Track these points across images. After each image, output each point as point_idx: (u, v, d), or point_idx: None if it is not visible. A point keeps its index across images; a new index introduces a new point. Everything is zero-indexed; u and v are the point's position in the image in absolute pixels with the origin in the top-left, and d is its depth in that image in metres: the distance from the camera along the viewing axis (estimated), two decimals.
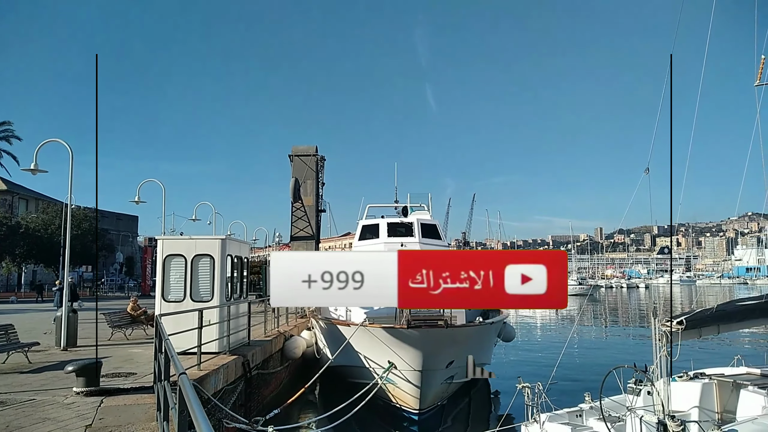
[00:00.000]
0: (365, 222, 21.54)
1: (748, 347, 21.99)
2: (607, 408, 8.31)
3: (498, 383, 18.53)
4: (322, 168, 48.34)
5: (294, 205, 45.02)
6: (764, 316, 10.05)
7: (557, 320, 47.33)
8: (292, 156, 46.13)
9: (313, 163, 46.06)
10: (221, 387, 10.88)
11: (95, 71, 8.58)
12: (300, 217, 45.09)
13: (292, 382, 17.24)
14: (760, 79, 12.48)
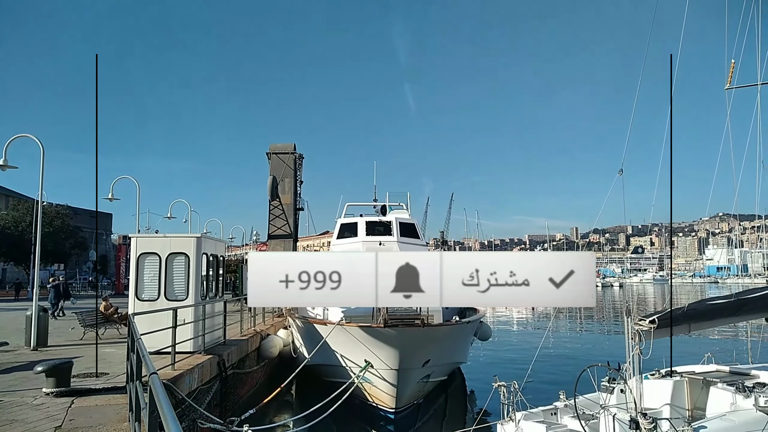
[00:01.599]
0: (343, 220, 21.49)
1: (717, 345, 22.45)
2: (581, 406, 8.40)
3: (474, 382, 18.67)
4: (301, 166, 48.08)
5: (271, 204, 44.70)
6: (733, 315, 10.27)
7: (533, 319, 47.79)
8: (270, 154, 45.80)
9: (291, 161, 45.79)
10: (196, 387, 10.75)
11: (95, 71, 8.48)
12: (278, 216, 44.79)
13: (268, 381, 17.12)
14: (731, 83, 12.74)
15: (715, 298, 10.68)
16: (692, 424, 7.39)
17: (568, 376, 8.93)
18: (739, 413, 7.74)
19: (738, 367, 10.25)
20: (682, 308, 9.50)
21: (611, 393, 8.81)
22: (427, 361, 13.49)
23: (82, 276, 66.14)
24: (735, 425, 7.39)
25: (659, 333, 8.92)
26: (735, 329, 24.39)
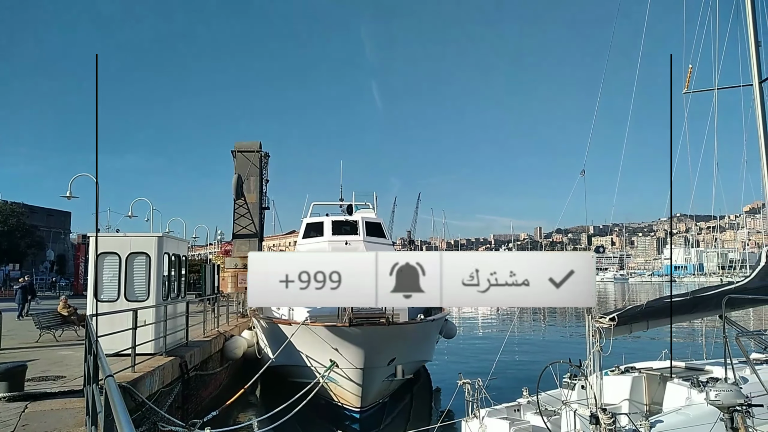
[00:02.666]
0: (309, 220, 21.37)
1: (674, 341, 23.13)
2: (543, 402, 8.54)
3: (439, 380, 18.79)
4: (266, 165, 47.57)
5: (236, 203, 44.11)
6: (689, 312, 10.59)
7: (497, 317, 48.42)
8: (235, 152, 45.16)
9: (256, 160, 45.27)
10: (157, 389, 10.55)
11: (95, 71, 8.25)
12: (243, 215, 44.21)
13: (232, 383, 16.90)
14: (688, 88, 13.13)
15: (672, 296, 10.99)
16: (650, 419, 7.59)
17: (531, 373, 9.05)
18: (693, 407, 7.98)
19: (693, 363, 10.57)
20: (641, 306, 9.75)
21: (572, 389, 8.99)
22: (392, 359, 13.52)
23: (39, 276, 64.17)
24: (689, 419, 7.62)
25: (619, 330, 9.13)
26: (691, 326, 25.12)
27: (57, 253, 78.88)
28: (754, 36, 12.14)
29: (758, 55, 12.15)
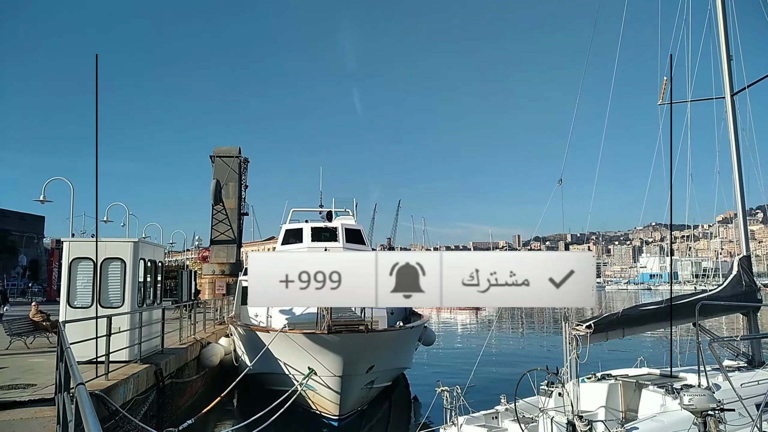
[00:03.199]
0: (288, 226, 21.25)
1: (650, 349, 23.43)
2: (521, 409, 8.57)
3: (418, 387, 18.76)
4: (246, 170, 47.36)
5: (215, 208, 43.82)
6: (664, 320, 10.75)
7: (477, 324, 48.61)
8: (214, 157, 44.91)
9: (235, 165, 45.03)
10: (131, 397, 10.38)
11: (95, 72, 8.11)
12: (221, 221, 43.92)
13: (208, 391, 16.67)
14: (663, 99, 13.39)
15: (647, 304, 11.15)
16: (625, 425, 7.66)
17: (509, 380, 9.10)
18: (668, 414, 8.09)
19: (668, 370, 10.72)
20: (617, 314, 9.87)
21: (550, 396, 9.04)
22: (371, 367, 13.46)
23: (11, 282, 62.72)
24: (664, 425, 7.71)
25: (595, 338, 9.24)
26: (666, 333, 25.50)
27: (30, 258, 77.26)
28: (726, 51, 12.44)
29: (730, 69, 12.45)
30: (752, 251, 13.97)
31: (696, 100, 13.19)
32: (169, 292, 35.74)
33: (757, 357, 11.50)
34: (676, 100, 13.50)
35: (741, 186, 12.39)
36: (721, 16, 12.52)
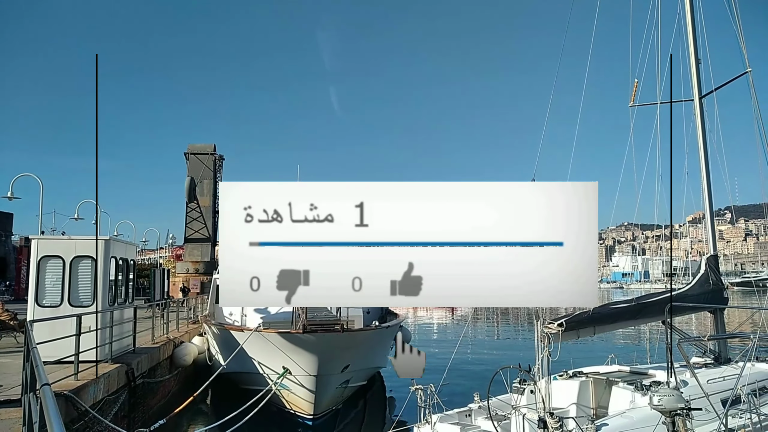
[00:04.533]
0: None
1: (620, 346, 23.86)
2: (494, 407, 8.65)
3: (393, 386, 18.79)
4: (221, 167, 46.83)
5: (189, 206, 43.25)
6: (633, 318, 10.96)
7: (452, 322, 48.91)
8: (188, 154, 44.33)
9: (210, 162, 44.52)
10: (101, 397, 10.22)
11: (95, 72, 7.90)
12: (195, 218, 43.37)
13: (181, 390, 16.48)
14: (634, 101, 13.63)
15: (618, 302, 11.35)
16: (595, 422, 7.79)
17: (483, 378, 9.17)
18: (637, 410, 8.24)
19: (637, 367, 10.92)
20: (588, 312, 10.02)
21: (522, 394, 9.14)
22: (346, 366, 13.45)
23: None
24: (633, 422, 7.86)
25: (567, 335, 9.36)
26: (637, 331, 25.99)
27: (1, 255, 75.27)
28: (695, 54, 12.72)
29: (698, 72, 12.73)
30: (720, 251, 14.30)
31: (665, 102, 13.46)
32: (142, 291, 35.22)
33: (723, 354, 11.79)
34: (647, 102, 13.78)
35: (708, 187, 12.67)
36: (689, 21, 12.79)
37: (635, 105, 13.62)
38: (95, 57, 8.25)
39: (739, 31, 12.71)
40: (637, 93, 13.43)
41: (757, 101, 12.71)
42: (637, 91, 13.42)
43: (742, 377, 9.11)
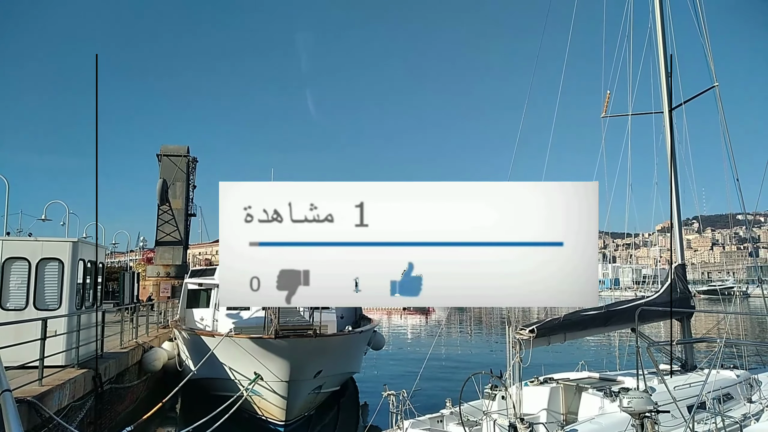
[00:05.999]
0: None
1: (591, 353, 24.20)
2: (465, 413, 8.70)
3: (366, 392, 18.76)
4: (194, 170, 46.32)
5: (161, 208, 42.67)
6: (603, 325, 11.13)
7: (426, 327, 49.03)
8: (161, 155, 43.77)
9: (183, 164, 44.02)
10: (67, 403, 9.97)
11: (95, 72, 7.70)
12: (167, 221, 42.80)
13: (150, 396, 16.19)
14: (606, 112, 13.90)
15: (588, 309, 11.51)
16: (565, 428, 7.88)
17: (455, 384, 9.20)
18: (606, 416, 8.36)
19: (607, 374, 11.09)
20: (558, 318, 10.15)
21: (493, 399, 9.21)
22: (318, 371, 13.37)
23: None
24: (602, 428, 7.97)
25: (538, 342, 9.46)
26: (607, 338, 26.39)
27: None
28: (665, 67, 13.03)
29: (669, 85, 13.04)
30: (687, 260, 14.62)
31: (636, 114, 13.76)
32: (111, 295, 34.53)
33: (690, 361, 12.04)
34: (618, 113, 14.06)
35: (677, 197, 12.96)
36: (660, 35, 13.10)
37: (607, 116, 13.89)
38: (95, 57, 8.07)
39: (707, 46, 13.07)
40: (609, 104, 13.70)
41: (724, 115, 13.06)
42: (609, 102, 13.69)
43: (707, 383, 9.33)
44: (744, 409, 10.34)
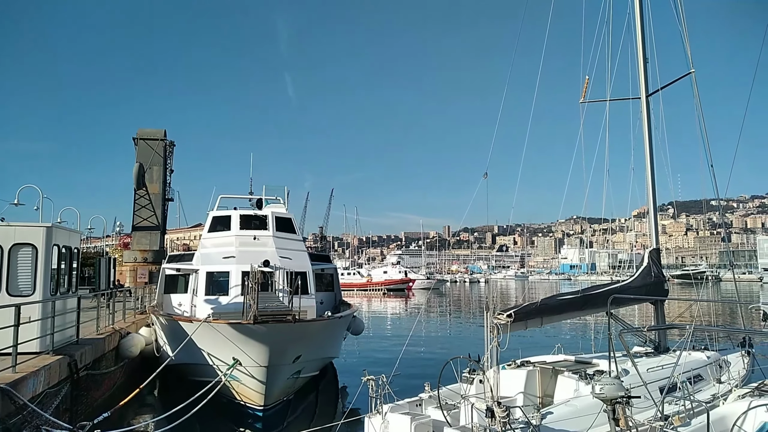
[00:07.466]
0: (216, 213, 20.68)
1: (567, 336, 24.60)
2: (444, 396, 8.78)
3: (345, 377, 18.86)
4: (171, 154, 45.71)
5: (137, 193, 42.08)
6: (580, 309, 11.31)
7: (406, 313, 49.33)
8: (137, 139, 43.08)
9: (160, 148, 43.40)
10: (41, 390, 9.86)
11: None
12: (144, 206, 42.25)
13: (128, 382, 16.06)
14: (585, 97, 13.99)
15: (565, 293, 11.67)
16: (541, 411, 8.00)
17: (434, 368, 9.28)
18: (580, 399, 8.52)
19: (582, 356, 11.28)
20: (536, 303, 10.27)
21: (471, 383, 9.31)
22: (298, 356, 13.40)
23: None
24: (576, 410, 8.12)
25: (515, 326, 9.58)
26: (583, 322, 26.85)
27: None
28: (643, 53, 13.14)
29: (646, 71, 13.17)
30: (662, 244, 14.87)
31: (614, 99, 13.87)
32: (87, 280, 34.05)
33: (663, 344, 12.31)
34: (597, 98, 14.15)
35: (653, 182, 13.15)
36: (638, 21, 13.18)
37: (586, 101, 13.98)
38: None
39: (684, 33, 13.18)
40: (588, 89, 13.78)
41: (700, 101, 13.23)
42: (588, 87, 13.77)
43: (678, 366, 9.55)
44: (713, 389, 10.62)
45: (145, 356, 17.15)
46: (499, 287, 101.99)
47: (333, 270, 21.59)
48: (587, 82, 14.03)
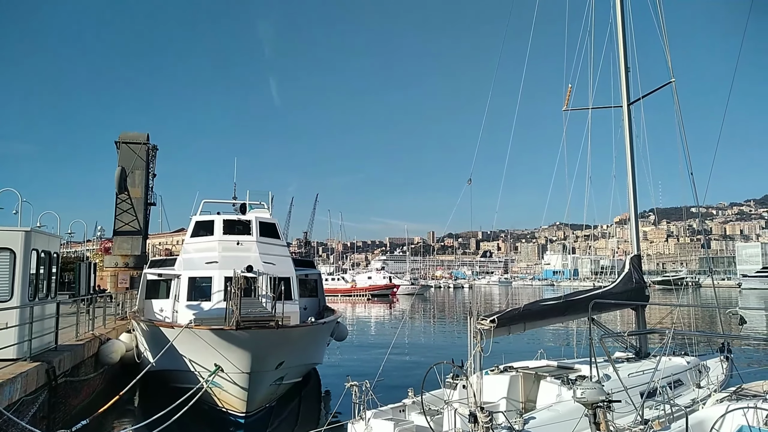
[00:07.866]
0: (199, 218, 20.52)
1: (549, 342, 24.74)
2: (427, 402, 8.78)
3: (329, 383, 18.78)
4: (154, 158, 45.31)
5: (119, 197, 41.63)
6: (562, 315, 11.39)
7: (390, 319, 49.27)
8: (119, 143, 42.65)
9: (143, 152, 43.00)
10: (18, 398, 9.67)
11: None
12: (125, 210, 41.80)
13: (107, 389, 15.84)
14: (567, 105, 14.14)
15: (547, 299, 11.75)
16: (524, 416, 8.04)
17: (417, 374, 9.28)
18: (563, 404, 8.57)
19: (564, 362, 11.36)
20: (519, 309, 10.33)
21: (455, 389, 9.32)
22: (280, 363, 13.30)
23: None
24: (559, 415, 8.16)
25: (498, 331, 9.62)
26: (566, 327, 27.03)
27: None
28: (624, 63, 13.33)
29: (627, 80, 13.35)
30: (643, 251, 15.05)
31: (596, 107, 14.04)
32: (67, 286, 33.59)
33: (644, 349, 12.44)
34: (579, 107, 14.31)
35: (634, 190, 13.32)
36: (620, 32, 13.37)
37: (568, 109, 14.13)
38: None
39: (665, 43, 13.39)
40: (570, 98, 13.94)
41: (680, 110, 13.42)
42: (570, 96, 13.93)
43: (658, 371, 9.65)
44: (693, 394, 10.75)
45: (125, 363, 16.93)
46: (483, 293, 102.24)
47: (317, 275, 21.52)
48: (570, 90, 14.19)
